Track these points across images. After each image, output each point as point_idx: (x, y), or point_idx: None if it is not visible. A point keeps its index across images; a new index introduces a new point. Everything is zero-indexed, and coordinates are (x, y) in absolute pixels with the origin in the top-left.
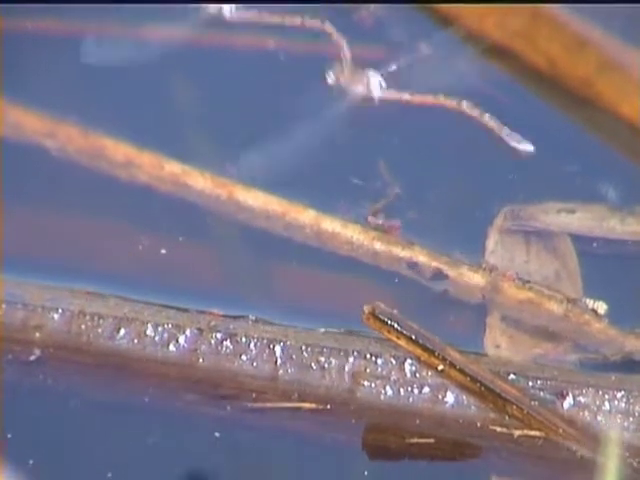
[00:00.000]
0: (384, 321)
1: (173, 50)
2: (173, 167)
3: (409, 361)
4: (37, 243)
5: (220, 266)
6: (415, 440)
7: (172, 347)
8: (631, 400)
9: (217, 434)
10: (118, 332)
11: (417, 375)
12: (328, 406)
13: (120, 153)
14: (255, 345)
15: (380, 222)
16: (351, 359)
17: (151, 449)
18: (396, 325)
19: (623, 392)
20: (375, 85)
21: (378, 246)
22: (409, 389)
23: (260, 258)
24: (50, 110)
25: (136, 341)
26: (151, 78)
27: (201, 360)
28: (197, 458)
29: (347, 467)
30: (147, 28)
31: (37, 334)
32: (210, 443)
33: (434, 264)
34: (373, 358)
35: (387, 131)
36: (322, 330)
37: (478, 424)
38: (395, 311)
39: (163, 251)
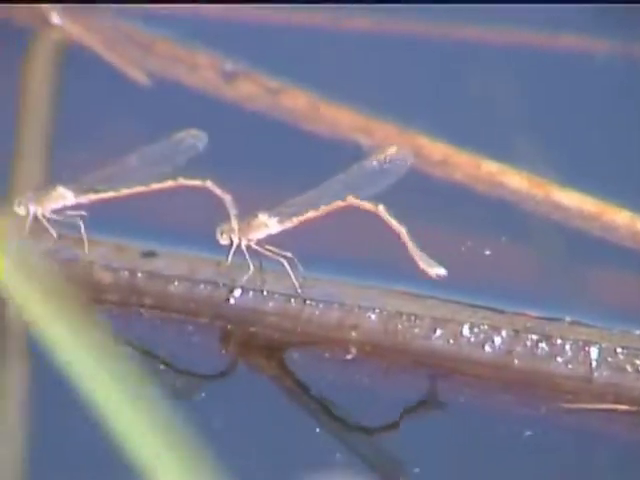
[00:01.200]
0: None
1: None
2: (490, 166)
3: None
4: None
5: (536, 267)
6: None
7: (488, 348)
8: None
9: (530, 433)
10: (434, 332)
11: None
12: None
13: (437, 152)
14: (570, 347)
15: None
16: None
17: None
18: None
19: None
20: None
21: None
22: None
23: (575, 259)
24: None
25: (452, 341)
26: (473, 79)
27: (516, 361)
28: (513, 458)
29: None
30: None
31: (353, 333)
32: (524, 443)
33: None
34: None
35: None
36: (638, 332)
37: None
38: None
39: (488, 252)
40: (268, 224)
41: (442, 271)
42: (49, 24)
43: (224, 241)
